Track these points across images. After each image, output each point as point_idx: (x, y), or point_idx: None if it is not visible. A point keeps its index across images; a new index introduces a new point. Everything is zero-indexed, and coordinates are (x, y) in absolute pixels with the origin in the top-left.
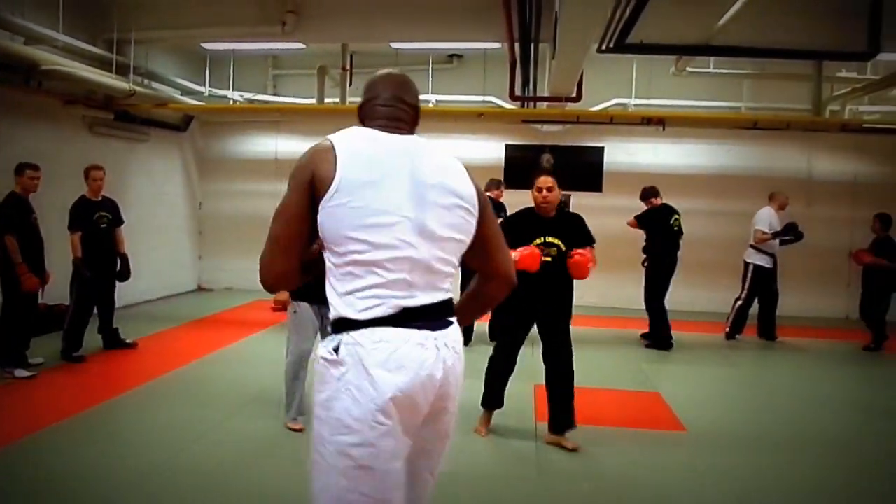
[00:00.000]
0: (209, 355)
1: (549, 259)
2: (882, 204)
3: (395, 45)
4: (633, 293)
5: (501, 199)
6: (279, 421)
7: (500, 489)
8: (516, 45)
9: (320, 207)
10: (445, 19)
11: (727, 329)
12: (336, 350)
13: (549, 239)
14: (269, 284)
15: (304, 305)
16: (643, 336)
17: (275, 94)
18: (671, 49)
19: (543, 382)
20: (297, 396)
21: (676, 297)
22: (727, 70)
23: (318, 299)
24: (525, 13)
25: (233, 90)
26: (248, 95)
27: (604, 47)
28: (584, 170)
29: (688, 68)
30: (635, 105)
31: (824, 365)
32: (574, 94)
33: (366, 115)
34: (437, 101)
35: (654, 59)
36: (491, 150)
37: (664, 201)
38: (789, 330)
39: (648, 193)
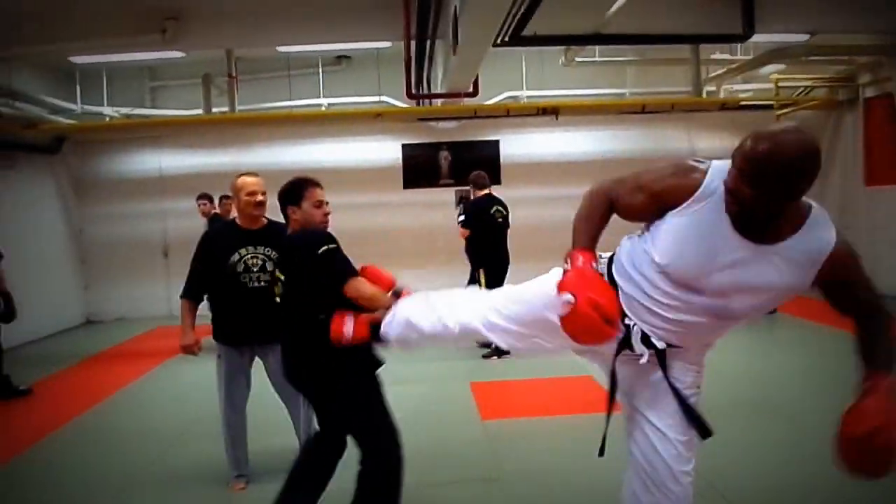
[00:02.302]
0: (115, 395)
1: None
2: None
3: (282, 48)
4: None
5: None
6: (205, 470)
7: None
8: (412, 43)
9: None
10: (334, 20)
11: None
12: None
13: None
14: None
15: (228, 350)
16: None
17: (153, 108)
18: (564, 39)
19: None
20: (238, 453)
21: None
22: (612, 58)
23: (251, 339)
24: (426, 11)
25: (108, 106)
26: (124, 110)
27: (499, 41)
28: (481, 164)
29: (576, 58)
30: (527, 97)
31: (736, 333)
32: (471, 90)
33: None
34: (329, 104)
35: (544, 51)
36: (387, 150)
37: (489, 192)
38: None
39: (475, 182)
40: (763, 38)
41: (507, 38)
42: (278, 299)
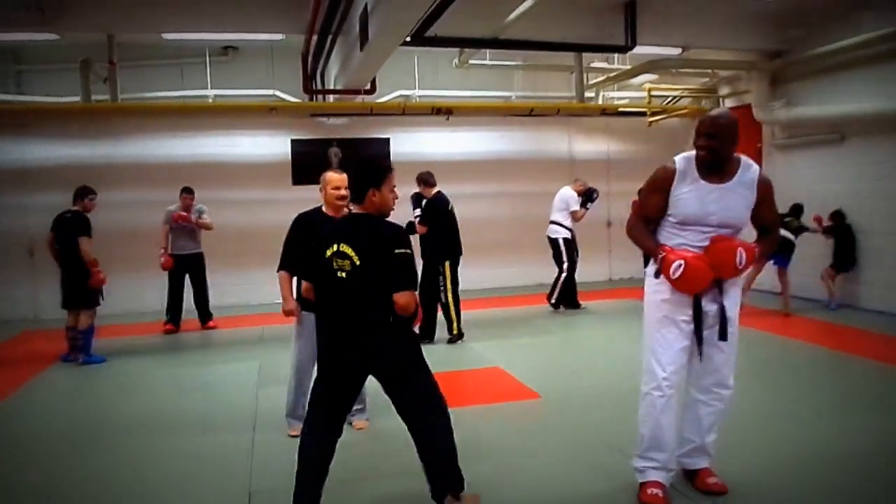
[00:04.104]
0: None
1: (342, 275)
2: (631, 178)
3: (168, 36)
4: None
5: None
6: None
7: (401, 482)
8: (314, 38)
9: None
10: (225, 9)
11: (553, 301)
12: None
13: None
14: None
15: (309, 315)
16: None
17: (19, 94)
18: (464, 42)
19: None
20: (299, 402)
21: (469, 277)
22: (502, 62)
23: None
24: (335, 5)
25: None
26: None
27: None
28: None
29: (470, 61)
30: (419, 97)
31: (616, 322)
32: (369, 87)
33: None
34: (216, 95)
35: (438, 52)
36: (276, 145)
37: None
38: None
39: (427, 181)
40: (639, 51)
41: (409, 39)
42: (342, 275)
